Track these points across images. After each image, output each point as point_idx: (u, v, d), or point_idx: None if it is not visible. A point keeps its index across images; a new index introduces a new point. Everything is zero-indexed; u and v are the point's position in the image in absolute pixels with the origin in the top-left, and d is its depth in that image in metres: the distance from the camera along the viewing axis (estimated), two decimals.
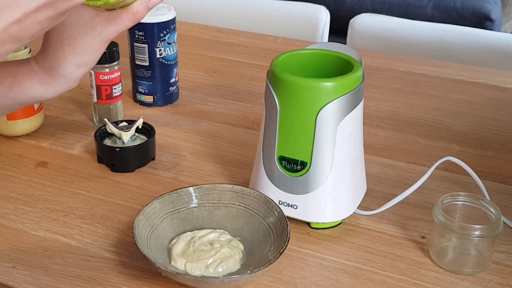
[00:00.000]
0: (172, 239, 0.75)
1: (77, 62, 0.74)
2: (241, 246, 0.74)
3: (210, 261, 0.70)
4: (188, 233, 0.76)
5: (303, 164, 0.76)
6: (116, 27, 0.74)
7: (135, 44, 1.06)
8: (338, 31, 1.93)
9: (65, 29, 0.74)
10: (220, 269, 0.70)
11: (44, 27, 0.55)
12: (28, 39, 0.56)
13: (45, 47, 0.75)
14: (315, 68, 0.81)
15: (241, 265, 0.72)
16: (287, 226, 0.72)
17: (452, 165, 0.91)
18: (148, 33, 1.05)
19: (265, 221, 0.76)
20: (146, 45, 1.06)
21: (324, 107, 0.73)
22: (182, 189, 0.78)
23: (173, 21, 1.07)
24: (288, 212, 0.78)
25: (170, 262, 0.72)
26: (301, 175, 0.77)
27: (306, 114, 0.74)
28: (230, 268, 0.70)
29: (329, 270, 0.73)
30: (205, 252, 0.72)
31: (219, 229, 0.77)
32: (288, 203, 0.78)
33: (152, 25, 1.04)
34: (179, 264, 0.71)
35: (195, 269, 0.70)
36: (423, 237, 0.79)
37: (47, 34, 0.76)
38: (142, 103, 1.11)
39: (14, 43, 0.54)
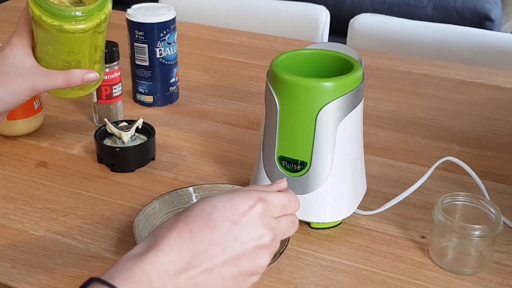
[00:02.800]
0: None
1: None
2: None
3: None
4: None
5: (303, 164, 0.76)
6: (47, 81, 0.78)
7: (135, 44, 1.06)
8: (338, 31, 1.93)
9: (3, 65, 0.77)
10: None
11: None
12: None
13: None
14: (315, 68, 0.81)
15: None
16: None
17: (452, 165, 0.91)
18: (148, 33, 1.05)
19: None
20: (146, 45, 1.06)
21: (324, 107, 0.73)
22: (182, 189, 0.78)
23: (173, 21, 1.07)
24: None
25: None
26: (301, 175, 0.77)
27: (306, 114, 0.74)
28: None
29: (329, 270, 0.73)
30: None
31: None
32: None
33: (152, 25, 1.04)
34: None
35: None
36: (423, 237, 0.79)
37: None
38: (142, 103, 1.11)
39: None
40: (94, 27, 0.74)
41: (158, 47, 1.06)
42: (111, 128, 0.92)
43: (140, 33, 1.05)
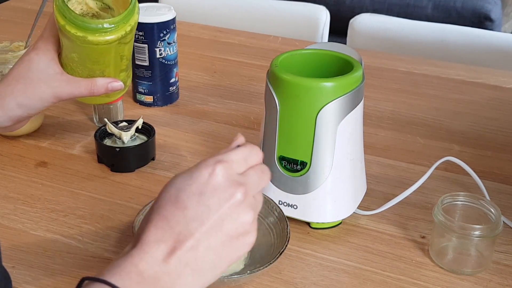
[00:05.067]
0: None
1: (21, 102, 0.78)
2: None
3: None
4: None
5: (303, 164, 0.76)
6: (71, 89, 0.78)
7: (135, 44, 1.06)
8: (338, 31, 1.93)
9: (28, 70, 0.77)
10: None
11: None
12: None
13: (4, 77, 0.78)
14: (315, 68, 0.81)
15: (244, 264, 0.72)
16: (287, 226, 0.72)
17: (452, 165, 0.91)
18: (148, 33, 1.05)
19: (265, 221, 0.76)
20: (146, 45, 1.06)
21: (324, 107, 0.73)
22: None
23: (173, 21, 1.07)
24: (288, 212, 0.78)
25: None
26: (301, 175, 0.77)
27: (306, 114, 0.74)
28: (234, 268, 0.70)
29: (329, 270, 0.73)
30: None
31: None
32: (288, 203, 0.78)
33: (152, 25, 1.04)
34: None
35: None
36: (423, 237, 0.79)
37: (11, 69, 0.78)
38: (142, 103, 1.11)
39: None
40: (119, 38, 0.74)
41: (158, 47, 1.06)
42: (111, 128, 0.92)
43: (140, 33, 1.05)
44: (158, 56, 1.07)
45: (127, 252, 0.53)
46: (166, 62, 1.08)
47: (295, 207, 0.78)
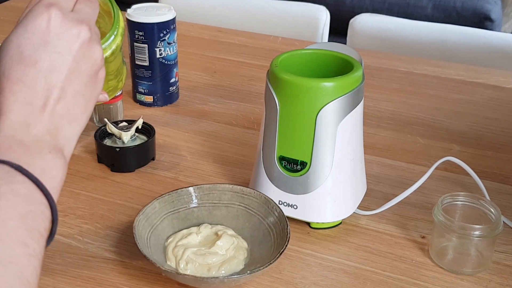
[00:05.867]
0: (168, 237, 0.75)
1: None
2: (245, 244, 0.74)
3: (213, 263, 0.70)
4: (184, 230, 0.75)
5: (303, 164, 0.76)
6: None
7: (135, 44, 1.06)
8: (338, 31, 1.93)
9: None
10: (223, 271, 0.70)
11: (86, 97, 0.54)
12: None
13: None
14: (315, 68, 0.81)
15: (244, 264, 0.72)
16: (287, 226, 0.72)
17: (452, 165, 0.91)
18: (148, 33, 1.05)
19: (265, 221, 0.76)
20: (146, 45, 1.06)
21: (324, 107, 0.73)
22: (182, 189, 0.78)
23: (173, 21, 1.07)
24: (288, 212, 0.78)
25: (166, 261, 0.71)
26: (301, 175, 0.77)
27: (306, 114, 0.74)
28: (234, 268, 0.70)
29: (329, 270, 0.73)
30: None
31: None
32: (288, 203, 0.78)
33: (152, 25, 1.04)
34: (173, 262, 0.71)
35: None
36: (423, 237, 0.79)
37: None
38: (142, 103, 1.11)
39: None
40: None
41: (158, 47, 1.06)
42: (111, 128, 0.92)
43: (140, 33, 1.05)
44: (158, 56, 1.07)
45: None
46: (166, 62, 1.08)
47: (295, 207, 0.78)
